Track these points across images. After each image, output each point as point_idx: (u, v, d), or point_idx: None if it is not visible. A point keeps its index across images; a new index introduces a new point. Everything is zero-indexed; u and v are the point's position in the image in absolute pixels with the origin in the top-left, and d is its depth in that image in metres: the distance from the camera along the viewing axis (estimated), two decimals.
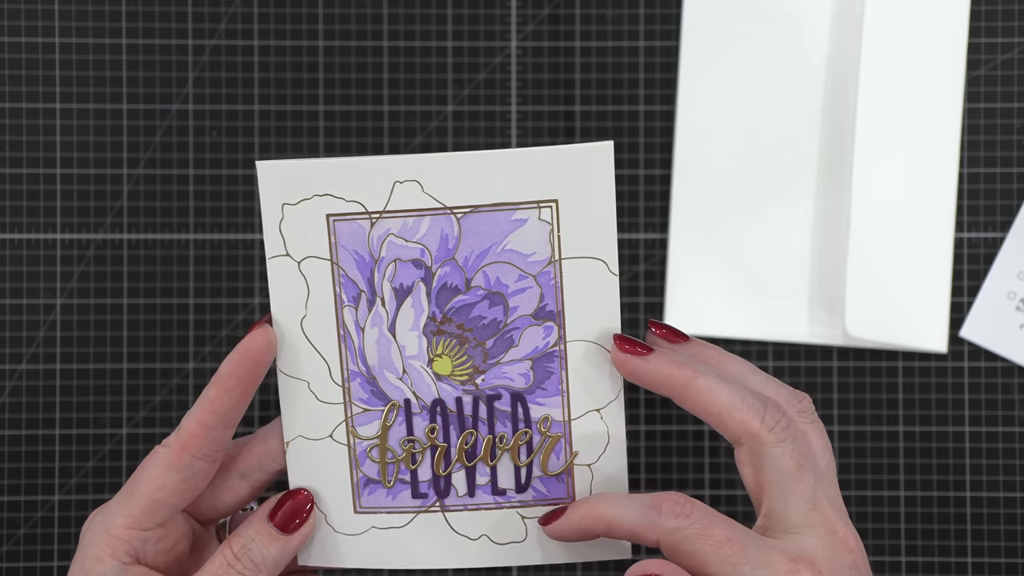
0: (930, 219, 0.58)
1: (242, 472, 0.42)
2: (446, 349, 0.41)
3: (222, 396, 0.40)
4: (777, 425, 0.38)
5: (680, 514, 0.37)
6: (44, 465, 0.58)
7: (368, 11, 0.59)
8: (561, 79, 0.59)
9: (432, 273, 0.40)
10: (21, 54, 0.59)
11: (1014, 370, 0.58)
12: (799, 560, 0.37)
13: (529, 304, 0.41)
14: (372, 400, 0.41)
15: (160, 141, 0.59)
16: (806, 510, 0.38)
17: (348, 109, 0.59)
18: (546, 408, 0.41)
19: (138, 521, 0.39)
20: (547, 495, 0.41)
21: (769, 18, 0.59)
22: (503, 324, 0.41)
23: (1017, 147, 0.59)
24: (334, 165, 0.40)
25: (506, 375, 0.41)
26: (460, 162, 0.40)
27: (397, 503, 0.41)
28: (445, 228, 0.40)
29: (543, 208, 0.40)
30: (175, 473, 0.40)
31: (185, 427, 0.40)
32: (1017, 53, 0.59)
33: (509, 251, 0.40)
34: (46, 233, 0.59)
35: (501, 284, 0.41)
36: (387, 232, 0.40)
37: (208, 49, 0.59)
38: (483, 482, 0.41)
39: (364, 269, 0.41)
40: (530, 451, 0.41)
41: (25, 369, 0.59)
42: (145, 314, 0.59)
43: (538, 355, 0.41)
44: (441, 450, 0.41)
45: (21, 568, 0.58)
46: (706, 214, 0.59)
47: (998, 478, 0.58)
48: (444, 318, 0.41)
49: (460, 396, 0.41)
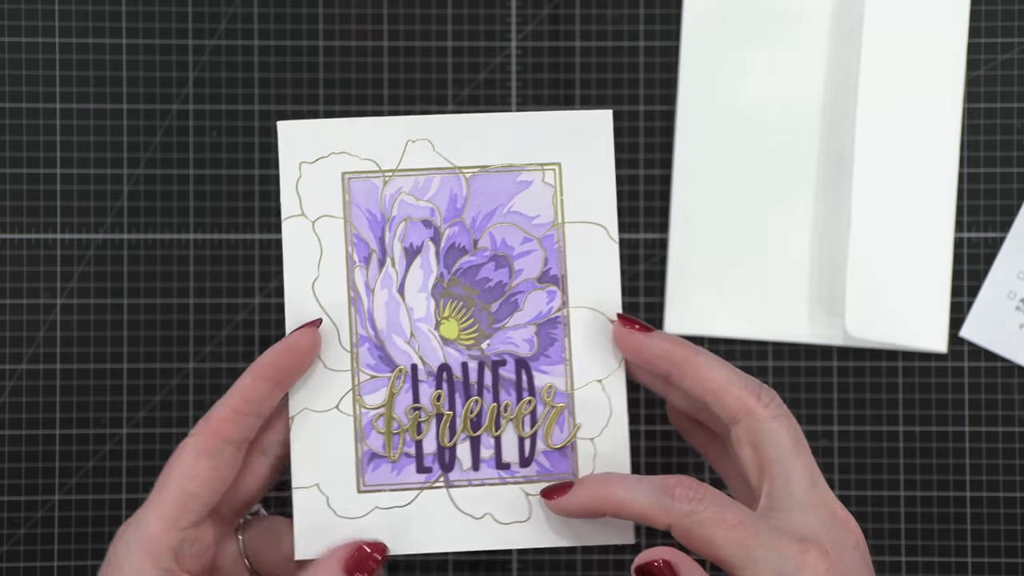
0: (930, 219, 0.58)
1: (262, 448, 0.42)
2: (453, 312, 0.42)
3: (258, 384, 0.40)
4: (772, 403, 0.39)
5: (693, 498, 0.37)
6: (44, 465, 0.58)
7: (368, 11, 0.59)
8: (561, 79, 0.59)
9: (441, 233, 0.42)
10: (21, 54, 0.59)
11: (1014, 370, 0.58)
12: (807, 542, 0.37)
13: (533, 267, 0.42)
14: (379, 366, 0.42)
15: (160, 141, 0.59)
16: (807, 487, 0.38)
17: (348, 109, 0.59)
18: (550, 376, 0.42)
19: (174, 519, 0.38)
20: (551, 470, 0.42)
21: (769, 18, 0.59)
22: (508, 287, 0.42)
23: (1017, 147, 0.59)
24: (350, 124, 0.42)
25: (511, 340, 0.42)
26: (469, 123, 0.42)
27: (401, 479, 0.42)
28: (454, 188, 0.42)
29: (547, 171, 0.42)
30: (206, 459, 0.39)
31: (215, 413, 0.39)
32: (1017, 53, 0.59)
33: (515, 212, 0.42)
34: (46, 233, 0.59)
35: (507, 246, 0.42)
36: (399, 191, 0.42)
37: (208, 49, 0.59)
38: (487, 455, 0.42)
39: (376, 228, 0.42)
40: (534, 422, 0.42)
41: (25, 369, 0.59)
42: (145, 314, 0.59)
43: (542, 320, 0.42)
44: (447, 418, 0.42)
45: (21, 568, 0.58)
46: (706, 214, 0.59)
47: (998, 478, 0.58)
48: (452, 279, 0.42)
49: (466, 361, 0.42)
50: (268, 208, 0.59)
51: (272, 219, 0.59)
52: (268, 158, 0.59)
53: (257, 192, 0.59)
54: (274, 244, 0.59)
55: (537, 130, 0.42)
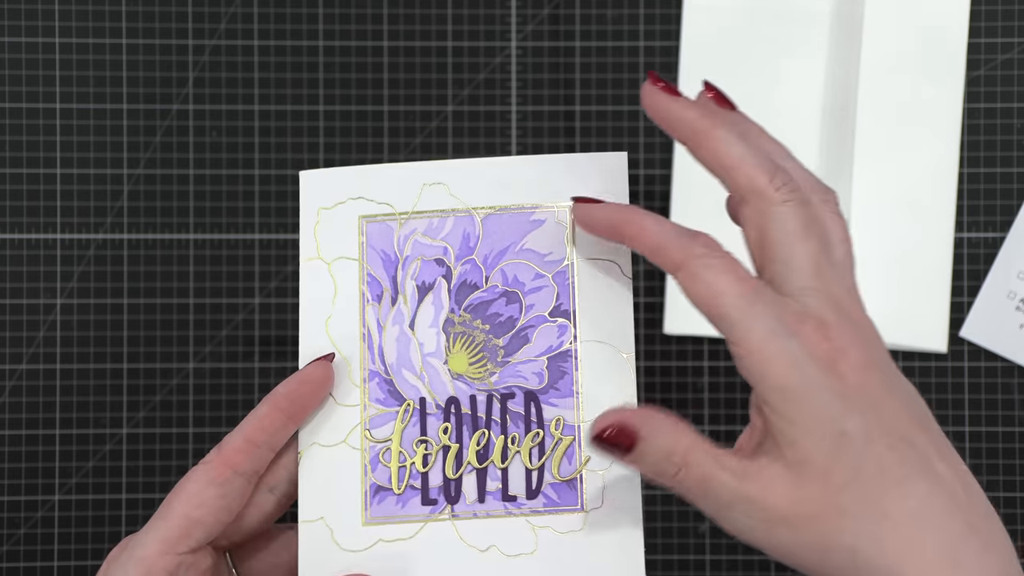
0: (930, 219, 0.58)
1: (270, 486, 0.41)
2: (463, 346, 0.42)
3: (273, 415, 0.39)
4: (785, 187, 0.36)
5: (711, 246, 0.36)
6: (44, 465, 0.58)
7: (368, 11, 0.59)
8: (561, 79, 0.59)
9: (453, 270, 0.42)
10: (21, 54, 0.59)
11: (1014, 370, 0.58)
12: (807, 314, 0.35)
13: (545, 303, 0.42)
14: (388, 400, 0.42)
15: (160, 141, 0.59)
16: (810, 274, 0.35)
17: (348, 109, 0.59)
18: (559, 409, 0.42)
19: (173, 544, 0.38)
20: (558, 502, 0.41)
21: (769, 18, 0.59)
22: (518, 322, 0.42)
23: (1017, 147, 0.59)
24: (368, 171, 0.43)
25: (520, 373, 0.42)
26: (484, 167, 0.43)
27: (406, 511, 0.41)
28: (467, 228, 0.42)
29: (560, 210, 0.42)
30: (214, 488, 0.38)
31: (228, 443, 0.39)
32: (1017, 53, 0.59)
33: (527, 250, 0.42)
34: (46, 233, 0.59)
35: (518, 282, 0.42)
36: (413, 231, 0.42)
37: (208, 49, 0.59)
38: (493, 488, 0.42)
39: (389, 267, 0.42)
40: (542, 453, 0.42)
41: (25, 369, 0.59)
42: (145, 314, 0.59)
43: (552, 354, 0.42)
44: (453, 450, 0.42)
45: (21, 568, 0.58)
46: (706, 214, 0.59)
47: (998, 478, 0.58)
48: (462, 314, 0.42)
49: (474, 394, 0.42)
50: (268, 208, 0.59)
51: (272, 219, 0.59)
52: (268, 158, 0.59)
53: (257, 192, 0.59)
54: (274, 244, 0.59)
55: (552, 173, 0.42)
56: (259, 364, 0.59)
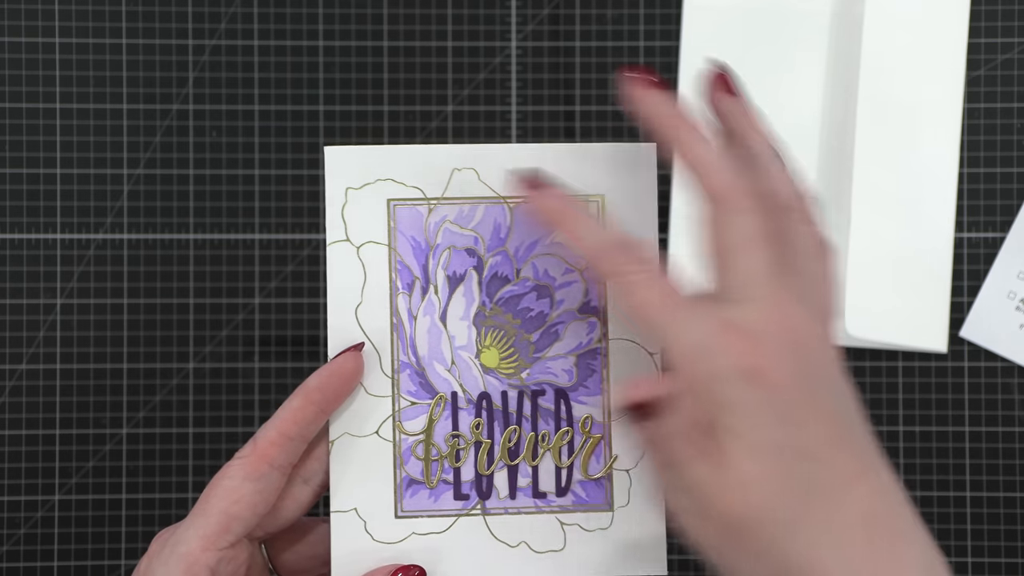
0: (930, 219, 0.58)
1: (304, 477, 0.42)
2: (494, 341, 0.42)
3: (306, 407, 0.40)
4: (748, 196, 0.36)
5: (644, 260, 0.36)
6: (44, 465, 0.58)
7: (368, 11, 0.59)
8: (561, 79, 0.59)
9: (484, 262, 0.42)
10: (21, 54, 0.59)
11: (1014, 370, 0.58)
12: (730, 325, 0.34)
13: (574, 298, 0.42)
14: (420, 393, 0.42)
15: (160, 141, 0.59)
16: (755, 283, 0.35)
17: (348, 109, 0.59)
18: (588, 407, 0.42)
19: (214, 539, 0.38)
20: (586, 500, 0.42)
21: (769, 18, 0.59)
22: (549, 317, 0.42)
23: (1017, 147, 0.59)
24: (397, 151, 0.42)
25: (550, 370, 0.42)
26: (514, 153, 0.42)
27: (439, 505, 0.42)
28: (498, 217, 0.42)
29: (590, 203, 0.42)
30: (251, 483, 0.39)
31: (263, 436, 0.40)
32: (1017, 53, 0.59)
33: (557, 244, 0.42)
34: (46, 233, 0.59)
35: (548, 276, 0.42)
36: (443, 219, 0.42)
37: (208, 49, 0.59)
38: (524, 484, 0.42)
39: (420, 255, 0.42)
40: (571, 452, 0.42)
41: (25, 369, 0.59)
42: (145, 314, 0.59)
43: (582, 351, 0.42)
44: (485, 446, 0.42)
45: (21, 568, 0.58)
46: None
47: (998, 478, 0.58)
48: (493, 308, 0.42)
49: (506, 390, 0.42)
50: (268, 208, 0.59)
51: (272, 219, 0.59)
52: (268, 158, 0.59)
53: (257, 192, 0.59)
54: (274, 244, 0.59)
55: (582, 162, 0.42)
56: (259, 364, 0.59)
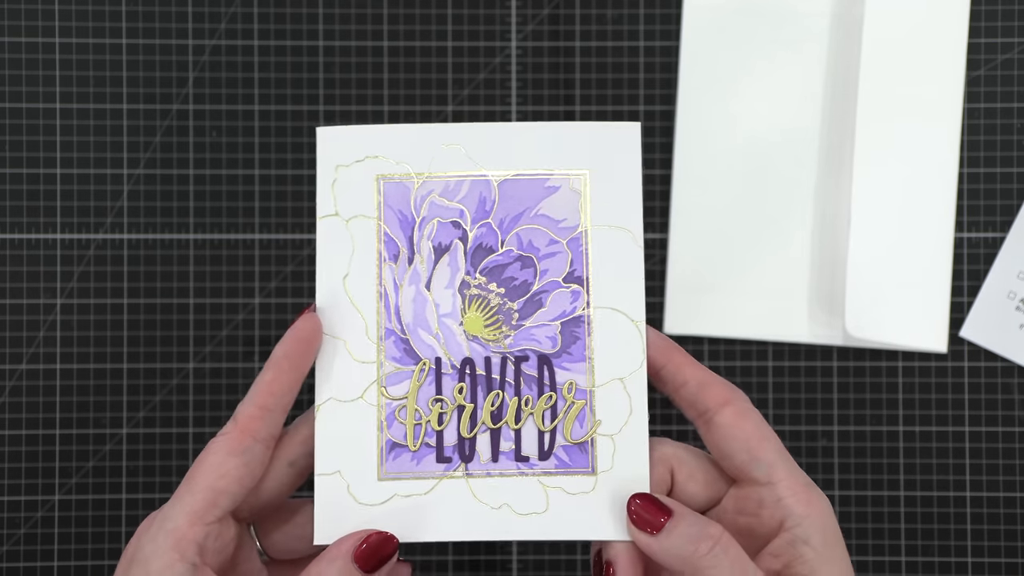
0: (930, 219, 0.58)
1: (289, 460, 0.43)
2: (478, 308, 0.43)
3: (279, 377, 0.41)
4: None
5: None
6: (44, 465, 0.58)
7: (368, 11, 0.59)
8: (561, 79, 0.59)
9: (468, 233, 0.43)
10: (21, 54, 0.59)
11: (1014, 370, 0.58)
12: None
13: (558, 268, 0.43)
14: (404, 359, 0.43)
15: (160, 141, 0.59)
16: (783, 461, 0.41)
17: (348, 109, 0.59)
18: (571, 374, 0.43)
19: (201, 515, 0.39)
20: (569, 464, 0.43)
21: (769, 18, 0.59)
22: (533, 286, 0.43)
23: (1017, 147, 0.59)
24: (386, 130, 0.44)
25: (534, 337, 0.43)
26: (501, 131, 0.44)
27: (421, 468, 0.43)
28: (483, 192, 0.43)
29: (574, 178, 0.43)
30: (235, 458, 0.40)
31: (243, 412, 0.41)
32: (1017, 53, 0.59)
33: (541, 216, 0.43)
34: (46, 233, 0.59)
35: (533, 247, 0.43)
36: (430, 192, 0.44)
37: (208, 49, 0.59)
38: (507, 448, 0.43)
39: (406, 228, 0.44)
40: (554, 416, 0.43)
41: (25, 369, 0.59)
42: (145, 314, 0.59)
43: (565, 319, 0.43)
44: (468, 411, 0.43)
45: (21, 568, 0.58)
46: (706, 214, 0.59)
47: (998, 478, 0.58)
48: (478, 277, 0.43)
49: (489, 356, 0.43)
50: (268, 208, 0.59)
51: (272, 219, 0.59)
52: (268, 158, 0.59)
53: (257, 192, 0.59)
54: (274, 244, 0.59)
55: (567, 140, 0.44)
56: (259, 364, 0.59)
